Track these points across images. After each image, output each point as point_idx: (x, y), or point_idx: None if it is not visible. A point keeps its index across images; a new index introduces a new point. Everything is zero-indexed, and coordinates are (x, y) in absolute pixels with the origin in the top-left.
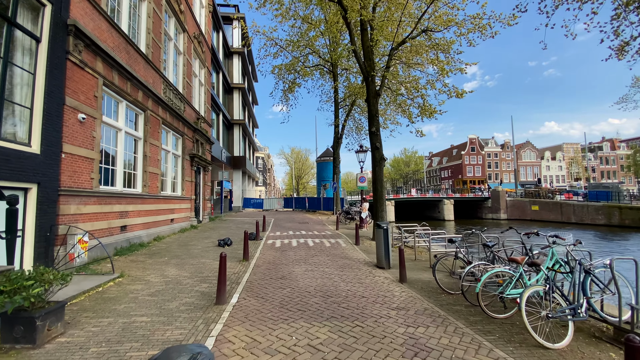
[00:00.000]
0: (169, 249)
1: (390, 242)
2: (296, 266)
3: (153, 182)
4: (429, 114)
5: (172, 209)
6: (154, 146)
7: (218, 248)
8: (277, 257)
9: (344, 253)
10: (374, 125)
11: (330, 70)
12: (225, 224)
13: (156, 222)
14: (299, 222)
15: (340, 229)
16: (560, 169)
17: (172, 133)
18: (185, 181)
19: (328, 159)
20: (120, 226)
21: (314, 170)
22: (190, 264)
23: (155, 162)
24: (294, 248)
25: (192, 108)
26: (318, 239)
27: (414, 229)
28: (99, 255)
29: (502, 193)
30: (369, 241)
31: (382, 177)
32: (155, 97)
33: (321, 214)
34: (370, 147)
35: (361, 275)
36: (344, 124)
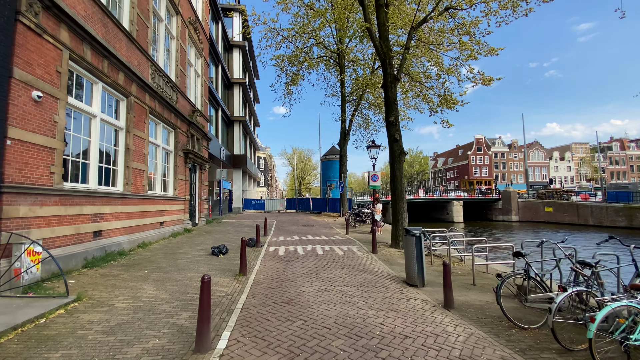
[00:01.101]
0: (153, 259)
1: (423, 252)
2: (306, 283)
3: (138, 180)
4: (450, 105)
5: (161, 211)
6: (140, 138)
7: (211, 257)
8: (282, 270)
9: (362, 264)
10: (392, 114)
11: (336, 62)
12: (223, 227)
13: (141, 226)
14: (303, 224)
15: (351, 233)
16: (569, 170)
17: (162, 125)
18: (178, 180)
19: (334, 157)
20: (92, 232)
21: (317, 171)
22: (174, 280)
23: (141, 156)
24: (301, 257)
25: (186, 99)
26: (328, 246)
27: (443, 234)
28: (63, 269)
29: (514, 194)
30: (388, 248)
31: (402, 175)
32: (140, 82)
33: (327, 216)
34: (388, 139)
35: (392, 298)
36: (352, 119)
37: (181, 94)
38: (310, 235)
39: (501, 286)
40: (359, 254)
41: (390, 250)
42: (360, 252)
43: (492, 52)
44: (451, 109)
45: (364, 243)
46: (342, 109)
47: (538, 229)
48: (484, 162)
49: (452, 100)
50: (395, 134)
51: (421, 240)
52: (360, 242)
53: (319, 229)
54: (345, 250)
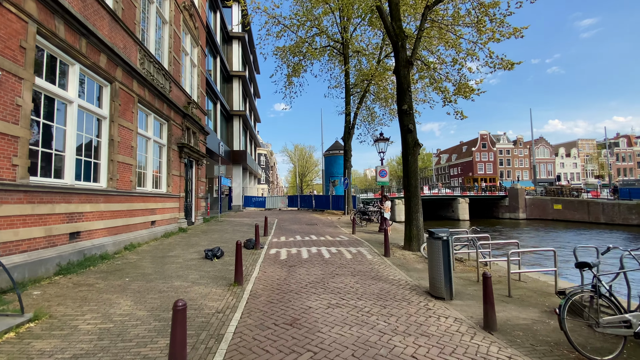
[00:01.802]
0: (138, 264)
1: (452, 260)
2: (312, 295)
3: (124, 175)
4: (466, 93)
5: (152, 209)
6: (126, 129)
7: (204, 262)
8: (284, 278)
9: (375, 270)
10: (406, 102)
11: (340, 52)
12: (221, 226)
13: (129, 225)
14: (306, 223)
15: (358, 233)
16: (575, 167)
17: (153, 116)
18: (171, 176)
19: (337, 153)
20: (68, 233)
21: (318, 168)
22: (157, 292)
23: (128, 149)
24: (305, 262)
25: (181, 90)
26: (334, 248)
27: (462, 235)
28: (28, 277)
29: (521, 191)
30: (401, 251)
31: (417, 169)
32: (127, 67)
33: (330, 214)
34: (401, 130)
35: (418, 316)
36: (357, 112)
37: (175, 83)
38: (314, 235)
39: (566, 306)
40: (370, 257)
41: (404, 253)
42: (371, 255)
43: (516, 33)
44: (467, 97)
45: (374, 244)
46: (347, 102)
47: (547, 226)
48: (489, 159)
49: (468, 89)
50: (408, 123)
51: (449, 244)
52: (370, 244)
53: (322, 228)
54: (354, 253)
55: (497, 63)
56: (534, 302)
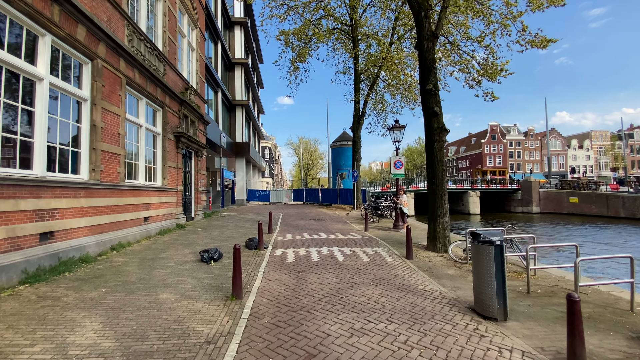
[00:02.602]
0: (123, 268)
1: (505, 270)
2: (329, 315)
3: (110, 166)
4: (494, 75)
5: (146, 204)
6: (112, 114)
7: (199, 265)
8: (292, 289)
9: (400, 277)
10: (430, 81)
11: (349, 35)
12: (222, 222)
13: (116, 223)
14: (313, 218)
15: (371, 230)
16: (588, 159)
17: (146, 101)
18: (167, 167)
19: (345, 144)
20: (38, 233)
21: (323, 161)
22: (136, 308)
23: (115, 137)
24: (316, 266)
25: (177, 74)
26: (348, 248)
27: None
28: None
29: (535, 184)
30: (424, 252)
31: (443, 158)
32: (112, 43)
33: (338, 209)
34: (424, 113)
35: (472, 349)
36: (367, 99)
37: (170, 66)
38: (323, 232)
39: None
40: (390, 260)
41: (428, 254)
42: (391, 257)
43: (558, 2)
44: (493, 80)
45: (391, 244)
46: (356, 88)
47: (563, 221)
48: (498, 151)
49: (495, 70)
50: (434, 106)
51: (503, 251)
52: (387, 243)
53: (332, 224)
54: (371, 255)
55: (529, 40)
56: (611, 323)
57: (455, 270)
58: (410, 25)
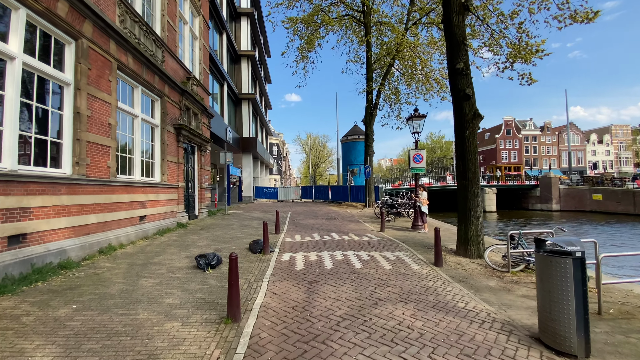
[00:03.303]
0: (105, 277)
1: (587, 292)
2: (353, 349)
3: (99, 160)
4: (528, 56)
5: (142, 202)
6: (101, 102)
7: (194, 273)
8: (302, 308)
9: (432, 290)
10: (461, 59)
11: (360, 21)
12: (227, 221)
13: (106, 222)
14: (323, 217)
15: (387, 230)
16: (608, 154)
17: (141, 89)
18: (167, 162)
19: (356, 138)
20: (6, 237)
21: (332, 158)
22: (105, 334)
23: (104, 127)
24: (330, 274)
25: (178, 62)
26: (365, 252)
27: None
28: None
29: (555, 180)
30: (454, 257)
31: (476, 148)
32: (100, 22)
33: (349, 207)
34: (453, 97)
35: None
36: (380, 90)
37: (170, 53)
38: (335, 233)
39: None
40: (416, 267)
41: (460, 260)
42: (416, 263)
43: None
44: (528, 61)
45: (413, 247)
46: (368, 78)
47: (586, 219)
48: (514, 147)
49: (530, 50)
50: (465, 87)
51: (584, 266)
52: (408, 246)
53: (343, 223)
54: (393, 261)
55: (571, 14)
56: None
57: (496, 281)
58: (427, 9)
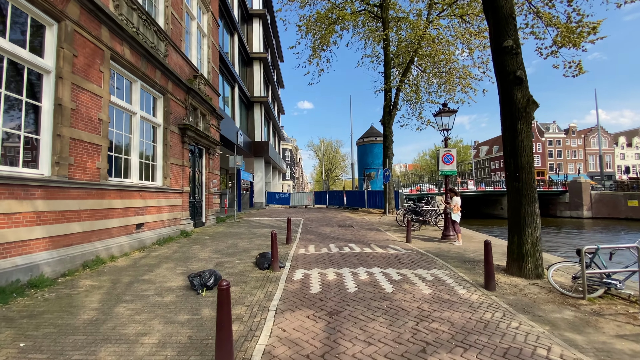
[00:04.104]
0: (78, 301)
1: None
2: None
3: (85, 160)
4: (578, 39)
5: (139, 208)
6: (90, 94)
7: (186, 296)
8: (321, 356)
9: (494, 328)
10: (509, 36)
11: (378, 16)
12: (236, 229)
13: (94, 232)
14: (339, 225)
15: (414, 241)
16: (638, 157)
17: (140, 84)
18: (170, 165)
19: (373, 140)
20: None
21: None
22: None
23: (93, 123)
24: (355, 302)
25: (183, 58)
26: (394, 270)
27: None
28: None
29: (585, 185)
30: (506, 276)
31: (531, 143)
32: (89, 4)
33: (367, 213)
34: (500, 82)
35: None
36: (399, 88)
37: (174, 47)
38: (355, 243)
39: None
40: (463, 292)
41: (514, 281)
42: (461, 286)
43: None
44: (577, 46)
45: (451, 262)
46: (386, 75)
47: (622, 226)
48: (536, 150)
49: (582, 32)
50: (516, 69)
51: None
52: (443, 260)
53: (363, 232)
54: (431, 282)
55: None
56: None
57: (572, 311)
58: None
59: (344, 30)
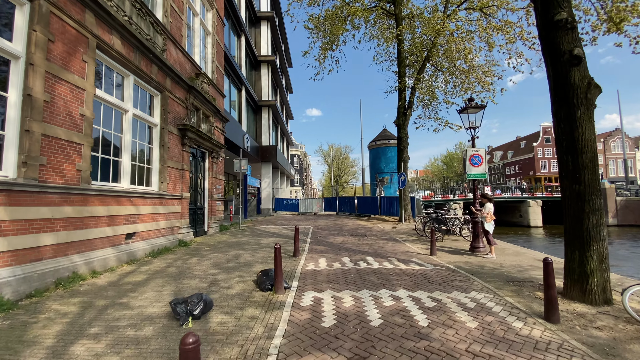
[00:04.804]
0: (30, 334)
1: None
2: None
3: (62, 160)
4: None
5: (130, 216)
6: (69, 85)
7: (165, 329)
8: None
9: None
10: (562, 8)
11: (390, 13)
12: (240, 239)
13: (72, 244)
14: (352, 233)
15: (440, 254)
16: None
17: (133, 79)
18: (168, 168)
19: (386, 143)
20: None
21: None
22: None
23: (72, 118)
24: (382, 340)
25: (184, 55)
26: (425, 293)
27: None
28: None
29: (610, 191)
30: (565, 302)
31: (594, 137)
32: None
33: (381, 221)
34: (553, 62)
35: None
36: (415, 87)
37: (174, 43)
38: (372, 256)
39: None
40: (518, 325)
41: (578, 309)
42: (513, 315)
43: None
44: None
45: (490, 281)
46: (400, 73)
47: None
48: (554, 155)
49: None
50: (572, 47)
51: None
52: (481, 279)
53: (379, 242)
54: (474, 310)
55: None
56: None
57: None
58: None
59: (355, 30)
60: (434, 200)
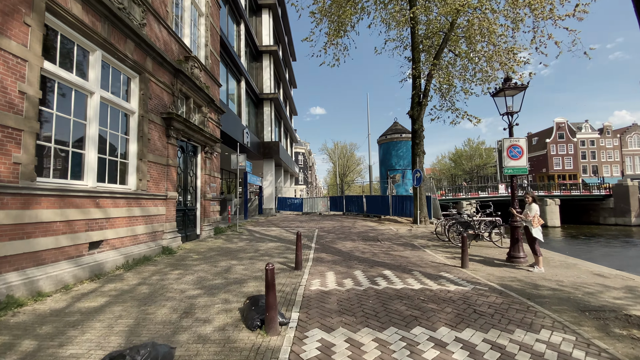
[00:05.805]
0: None
1: None
2: None
3: None
4: None
5: (95, 221)
6: (7, 55)
7: None
8: None
9: None
10: None
11: None
12: (235, 244)
13: (7, 258)
14: (362, 238)
15: (471, 265)
16: None
17: (101, 54)
18: (148, 164)
19: (398, 137)
20: None
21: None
22: None
23: (7, 96)
24: None
25: (169, 32)
26: (476, 334)
27: None
28: None
29: (633, 189)
30: None
31: None
32: None
33: (393, 222)
34: None
35: None
36: (431, 73)
37: (157, 18)
38: (390, 269)
39: None
40: None
41: None
42: None
43: None
44: None
45: (561, 311)
46: (415, 59)
47: None
48: (567, 152)
49: None
50: None
51: None
52: (547, 310)
53: (394, 248)
54: None
55: None
56: None
57: None
58: None
59: (365, 14)
60: (450, 199)
